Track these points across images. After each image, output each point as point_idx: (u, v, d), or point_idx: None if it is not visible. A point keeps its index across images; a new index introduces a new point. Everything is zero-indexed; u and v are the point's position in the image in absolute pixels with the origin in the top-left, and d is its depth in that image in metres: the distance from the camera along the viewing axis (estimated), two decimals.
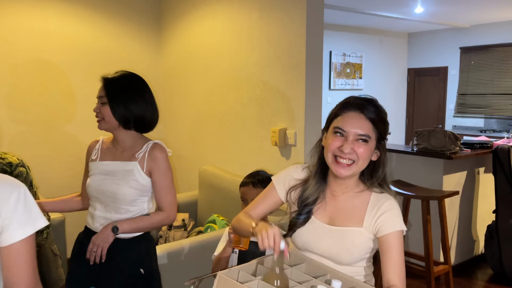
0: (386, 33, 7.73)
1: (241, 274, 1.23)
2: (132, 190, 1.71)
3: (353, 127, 1.25)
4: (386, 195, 1.31)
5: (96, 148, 1.84)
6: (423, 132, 3.47)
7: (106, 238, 1.69)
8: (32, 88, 3.44)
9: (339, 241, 1.30)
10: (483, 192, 3.76)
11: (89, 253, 1.70)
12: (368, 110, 1.25)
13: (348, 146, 1.24)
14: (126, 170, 1.73)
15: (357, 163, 1.26)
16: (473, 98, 7.33)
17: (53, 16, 3.48)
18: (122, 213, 1.73)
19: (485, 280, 3.53)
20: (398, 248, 1.23)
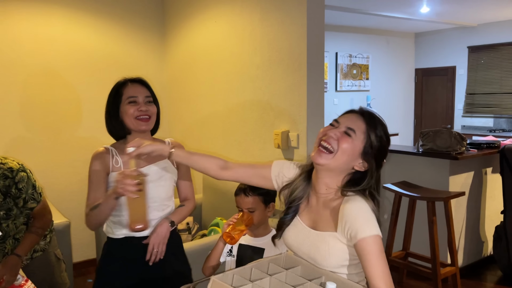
0: (392, 33, 7.68)
1: (235, 278, 1.23)
2: (170, 187, 1.81)
3: (347, 121, 1.29)
4: (353, 196, 1.26)
5: (113, 155, 1.76)
6: (429, 133, 3.44)
7: (166, 234, 1.73)
8: (39, 94, 3.48)
9: (316, 245, 1.30)
10: (491, 193, 3.72)
11: (149, 254, 1.71)
12: (366, 117, 1.29)
13: (335, 131, 1.28)
14: (161, 170, 1.77)
15: (335, 154, 1.26)
16: (482, 98, 7.24)
17: (58, 23, 3.53)
18: (163, 209, 1.78)
19: (494, 282, 3.48)
20: (374, 253, 1.16)
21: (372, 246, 1.16)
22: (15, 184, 1.98)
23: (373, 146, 1.27)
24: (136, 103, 1.73)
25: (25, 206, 2.03)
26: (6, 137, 3.37)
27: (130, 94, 1.74)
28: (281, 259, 1.41)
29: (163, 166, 1.78)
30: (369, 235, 1.17)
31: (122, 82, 1.80)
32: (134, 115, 1.71)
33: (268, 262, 1.36)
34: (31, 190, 2.03)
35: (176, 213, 1.83)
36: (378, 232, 1.19)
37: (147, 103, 1.75)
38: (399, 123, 7.79)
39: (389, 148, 1.33)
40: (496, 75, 7.03)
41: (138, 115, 1.72)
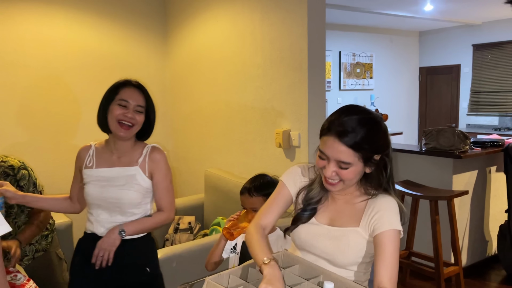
0: (396, 32, 7.65)
1: (231, 278, 1.22)
2: (137, 194, 1.74)
3: (332, 154, 1.23)
4: (384, 195, 1.30)
5: (90, 154, 1.82)
6: (432, 131, 3.42)
7: (113, 241, 1.71)
8: (41, 94, 3.50)
9: (335, 241, 1.29)
10: (495, 192, 3.69)
11: (95, 258, 1.71)
12: (347, 137, 1.20)
13: (329, 171, 1.25)
14: (128, 175, 1.75)
15: (344, 182, 1.27)
16: (487, 96, 7.19)
17: (60, 24, 3.54)
18: (128, 216, 1.76)
19: (498, 282, 3.45)
20: (391, 249, 1.20)
21: (390, 240, 1.20)
22: (17, 182, 2.00)
23: (370, 152, 1.24)
24: (126, 107, 1.73)
25: None
26: (8, 137, 3.39)
27: (123, 97, 1.74)
28: (279, 258, 1.40)
29: (131, 174, 1.75)
30: (392, 228, 1.21)
31: (122, 82, 1.80)
32: (118, 118, 1.72)
33: None
34: (32, 188, 2.05)
35: (135, 222, 1.76)
36: (401, 229, 1.23)
37: (136, 112, 1.74)
38: (403, 122, 7.75)
39: (386, 133, 1.28)
40: (501, 73, 6.98)
41: (122, 119, 1.72)
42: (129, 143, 1.80)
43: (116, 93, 1.76)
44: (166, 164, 1.80)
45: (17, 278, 1.89)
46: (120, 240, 1.72)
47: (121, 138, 1.75)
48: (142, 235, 1.81)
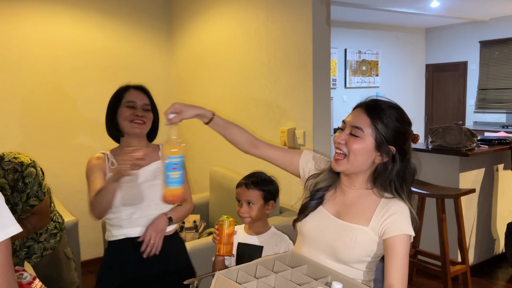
0: (402, 29, 7.60)
1: (240, 274, 1.22)
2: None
3: (351, 120, 1.28)
4: (397, 199, 1.28)
5: (109, 158, 1.83)
6: (438, 129, 3.40)
7: (164, 226, 1.75)
8: (47, 93, 3.51)
9: (341, 235, 1.29)
10: (502, 189, 3.66)
11: (145, 245, 1.71)
12: (371, 108, 1.26)
13: (342, 135, 1.28)
14: (153, 170, 1.80)
15: (349, 157, 1.27)
16: (494, 93, 7.13)
17: (65, 23, 3.55)
18: (161, 208, 1.80)
19: (506, 280, 3.43)
20: (402, 252, 1.20)
21: (402, 245, 1.20)
22: (23, 178, 2.01)
23: (385, 135, 1.25)
24: (134, 108, 1.80)
25: (27, 202, 2.04)
26: (14, 136, 3.41)
27: (130, 98, 1.82)
28: (286, 257, 1.39)
29: (157, 167, 1.82)
30: (403, 233, 1.21)
31: (124, 87, 1.87)
32: (130, 118, 1.78)
33: (273, 260, 1.35)
34: (36, 187, 2.06)
35: (174, 210, 1.84)
36: (413, 234, 1.23)
37: (145, 110, 1.82)
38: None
39: (409, 127, 1.30)
40: (508, 70, 6.91)
41: (133, 119, 1.78)
42: (143, 143, 1.86)
43: (121, 98, 1.83)
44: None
45: (23, 277, 1.90)
46: (167, 226, 1.76)
47: (137, 134, 1.81)
48: (172, 232, 1.86)
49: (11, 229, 1.13)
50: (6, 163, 2.00)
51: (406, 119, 1.29)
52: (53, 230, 2.24)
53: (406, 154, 1.28)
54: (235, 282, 1.18)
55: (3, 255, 1.10)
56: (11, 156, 2.03)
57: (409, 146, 1.30)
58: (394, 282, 1.17)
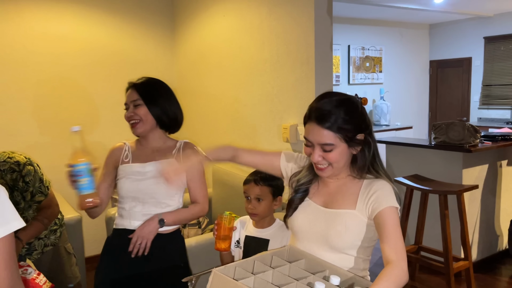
0: (406, 25, 7.55)
1: (237, 270, 1.23)
2: (173, 186, 1.77)
3: (315, 139, 1.29)
4: (379, 178, 1.33)
5: (126, 150, 1.87)
6: (441, 125, 3.38)
7: (152, 229, 1.73)
8: (51, 90, 3.53)
9: (331, 223, 1.31)
10: (506, 186, 3.64)
11: (132, 245, 1.73)
12: (325, 120, 1.26)
13: (316, 155, 1.30)
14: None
15: (333, 165, 1.31)
16: (499, 89, 7.08)
17: (69, 20, 3.56)
18: (162, 207, 1.79)
19: (509, 276, 3.42)
20: (392, 223, 1.22)
21: (390, 217, 1.22)
22: (22, 178, 2.02)
23: (349, 131, 1.28)
24: (127, 109, 1.83)
25: (33, 200, 2.06)
26: (19, 133, 3.43)
27: (125, 101, 1.84)
28: (284, 252, 1.40)
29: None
30: (389, 205, 1.24)
31: (126, 88, 1.88)
32: (127, 120, 1.82)
33: (271, 255, 1.36)
34: (38, 184, 2.07)
35: (174, 212, 1.80)
36: (398, 206, 1.26)
37: (134, 107, 1.80)
38: (413, 116, 7.67)
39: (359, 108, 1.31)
40: None
41: (128, 120, 1.82)
42: (159, 139, 1.86)
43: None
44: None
45: (28, 272, 1.92)
46: (158, 229, 1.75)
47: (138, 135, 1.83)
48: (173, 230, 1.84)
49: (14, 224, 1.14)
50: (1, 164, 1.99)
51: (359, 107, 1.31)
52: (53, 227, 2.26)
53: (371, 131, 1.34)
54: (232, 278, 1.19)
55: (7, 249, 1.11)
56: (5, 156, 2.02)
57: (370, 122, 1.34)
58: (391, 257, 1.16)
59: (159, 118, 1.82)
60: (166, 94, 1.87)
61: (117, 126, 3.73)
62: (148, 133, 1.83)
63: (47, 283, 1.89)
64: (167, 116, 1.84)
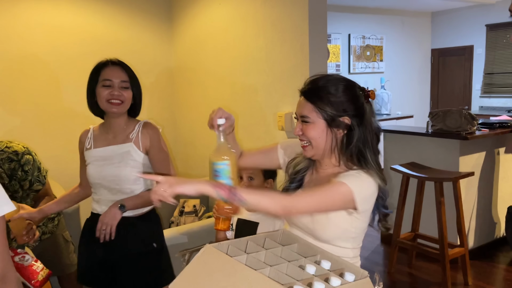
0: (408, 13, 7.49)
1: (230, 248, 1.25)
2: (133, 170, 1.78)
3: (298, 110, 1.33)
4: (358, 170, 1.28)
5: (88, 137, 1.90)
6: (438, 113, 3.38)
7: (114, 215, 1.75)
8: (48, 80, 3.54)
9: (314, 216, 1.31)
10: (503, 173, 3.64)
11: (98, 232, 1.76)
12: (309, 93, 1.29)
13: (297, 128, 1.33)
14: (123, 152, 1.80)
15: (312, 144, 1.31)
16: (501, 77, 7.04)
17: (65, 9, 3.56)
18: (128, 193, 1.81)
19: (506, 263, 3.43)
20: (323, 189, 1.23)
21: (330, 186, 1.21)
22: (21, 167, 2.04)
23: (331, 111, 1.26)
24: (110, 87, 1.77)
25: (31, 188, 2.08)
26: (16, 123, 3.45)
27: (106, 77, 1.78)
28: (277, 235, 1.42)
29: (126, 150, 1.80)
30: (339, 180, 1.21)
31: (103, 63, 1.83)
32: (106, 98, 1.77)
33: (264, 237, 1.38)
34: (36, 173, 2.09)
35: (134, 197, 1.80)
36: (351, 187, 1.19)
37: (122, 88, 1.78)
38: (415, 105, 7.64)
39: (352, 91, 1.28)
40: None
41: (110, 99, 1.77)
42: (122, 121, 1.84)
43: (98, 75, 1.81)
44: (160, 138, 1.84)
45: (25, 259, 1.95)
46: (120, 214, 1.76)
47: (115, 114, 1.80)
48: (146, 211, 1.85)
49: (5, 208, 1.16)
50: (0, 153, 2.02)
51: (348, 88, 1.28)
52: (50, 215, 2.28)
53: (362, 116, 1.28)
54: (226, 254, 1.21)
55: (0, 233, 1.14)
56: (3, 145, 2.03)
57: (362, 107, 1.29)
58: (287, 196, 1.25)
59: (136, 104, 1.85)
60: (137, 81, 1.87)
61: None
62: (121, 116, 1.83)
63: (44, 269, 1.92)
64: (139, 101, 1.86)
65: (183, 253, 1.36)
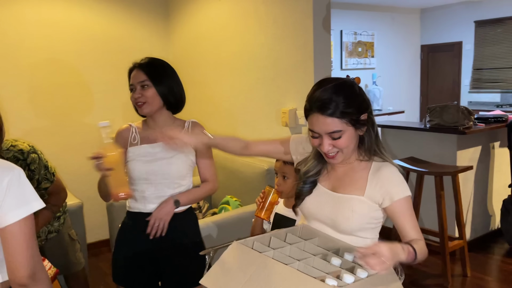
0: (398, 9, 7.57)
1: (255, 244, 1.27)
2: (184, 165, 1.82)
3: (322, 129, 1.29)
4: (385, 163, 1.34)
5: (133, 132, 1.87)
6: (436, 108, 3.44)
7: (169, 211, 1.77)
8: (45, 77, 3.50)
9: (339, 207, 1.34)
10: (498, 167, 3.72)
11: (150, 227, 1.76)
12: (327, 108, 1.26)
13: (325, 145, 1.30)
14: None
15: (343, 151, 1.32)
16: (489, 73, 7.17)
17: (61, 5, 3.52)
18: (175, 188, 1.82)
19: (501, 255, 3.52)
20: (410, 212, 1.30)
21: (406, 206, 1.30)
22: (27, 166, 2.01)
23: (353, 114, 1.28)
24: (133, 90, 1.81)
25: (39, 187, 2.06)
26: (15, 120, 3.40)
27: (131, 81, 1.83)
28: (297, 230, 1.44)
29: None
30: (404, 196, 1.29)
31: (130, 68, 1.86)
32: (133, 102, 1.82)
33: (286, 232, 1.40)
34: (43, 171, 2.07)
35: (187, 193, 1.84)
36: (410, 193, 1.31)
37: (142, 88, 1.79)
38: (405, 101, 7.73)
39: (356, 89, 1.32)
40: (503, 50, 6.94)
41: (134, 102, 1.81)
42: (167, 119, 1.86)
43: (129, 81, 1.85)
44: None
45: None
46: (174, 210, 1.78)
47: (145, 115, 1.84)
48: (185, 209, 1.87)
49: (35, 204, 1.16)
50: (5, 152, 1.97)
51: (356, 88, 1.31)
52: (56, 213, 2.26)
53: (371, 110, 1.35)
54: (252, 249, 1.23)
55: (28, 229, 1.14)
56: (8, 144, 1.99)
57: (369, 101, 1.35)
58: (415, 236, 1.28)
59: (166, 99, 1.82)
60: (172, 74, 1.87)
61: (110, 111, 3.73)
62: (155, 113, 1.83)
63: (52, 268, 1.91)
64: (173, 97, 1.84)
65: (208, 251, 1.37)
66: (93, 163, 1.57)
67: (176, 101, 1.86)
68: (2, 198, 1.10)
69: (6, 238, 1.12)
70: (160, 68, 1.84)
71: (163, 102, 1.82)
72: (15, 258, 1.12)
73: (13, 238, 1.11)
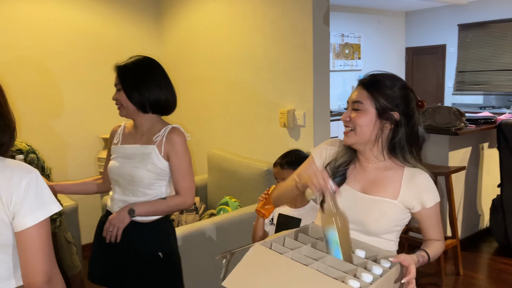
0: (384, 12, 7.68)
1: (273, 245, 1.27)
2: (150, 174, 1.72)
3: (351, 97, 1.37)
4: (418, 169, 1.35)
5: (118, 132, 1.87)
6: (428, 109, 3.49)
7: (122, 219, 1.72)
8: (36, 76, 3.42)
9: (370, 209, 1.33)
10: (487, 167, 3.81)
11: (105, 231, 1.75)
12: (367, 82, 1.34)
13: (346, 113, 1.36)
14: (144, 153, 1.75)
15: (356, 131, 1.33)
16: (472, 75, 7.33)
17: (52, 3, 3.45)
18: (139, 196, 1.74)
19: (491, 253, 3.59)
20: (437, 216, 1.38)
21: (436, 211, 1.37)
22: None
23: (385, 102, 1.30)
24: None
25: None
26: None
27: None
28: (307, 230, 1.44)
29: (148, 152, 1.74)
30: (435, 203, 1.35)
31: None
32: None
33: (297, 232, 1.40)
34: (40, 172, 2.02)
35: (147, 203, 1.74)
36: (439, 198, 1.38)
37: (117, 91, 1.77)
38: None
39: (407, 91, 1.34)
40: (486, 53, 7.10)
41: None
42: (148, 121, 1.80)
43: None
44: (184, 147, 1.75)
45: None
46: (129, 219, 1.72)
47: (125, 117, 1.81)
48: (156, 218, 1.78)
49: (53, 207, 1.13)
50: None
51: (403, 84, 1.35)
52: (52, 216, 2.21)
53: (411, 117, 1.32)
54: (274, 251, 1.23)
55: (44, 232, 1.11)
56: None
57: (413, 110, 1.34)
58: (436, 237, 1.38)
59: (138, 103, 1.73)
60: (148, 77, 1.75)
61: (100, 111, 3.67)
62: (133, 116, 1.77)
63: None
64: (147, 100, 1.73)
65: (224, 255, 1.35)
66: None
67: (151, 105, 1.75)
68: (20, 201, 1.07)
69: (23, 242, 1.09)
70: (133, 72, 1.75)
71: (136, 107, 1.74)
72: (32, 263, 1.09)
73: (30, 241, 1.08)
